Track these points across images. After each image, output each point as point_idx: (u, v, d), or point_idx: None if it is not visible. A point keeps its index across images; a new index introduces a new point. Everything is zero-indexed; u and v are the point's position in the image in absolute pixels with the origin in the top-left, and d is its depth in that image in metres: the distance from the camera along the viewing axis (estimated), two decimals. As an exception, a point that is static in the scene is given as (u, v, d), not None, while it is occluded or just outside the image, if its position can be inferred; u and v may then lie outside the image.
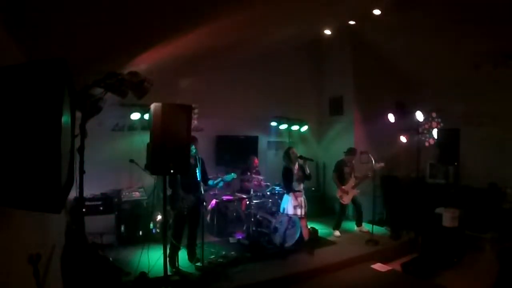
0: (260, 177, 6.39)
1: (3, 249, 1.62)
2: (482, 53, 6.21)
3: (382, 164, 6.24)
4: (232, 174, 5.30)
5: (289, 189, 5.37)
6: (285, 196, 5.45)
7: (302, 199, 5.38)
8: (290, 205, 5.32)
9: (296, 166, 5.47)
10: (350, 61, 7.80)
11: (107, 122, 5.82)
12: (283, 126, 7.73)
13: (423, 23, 6.20)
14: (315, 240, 5.77)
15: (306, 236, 5.48)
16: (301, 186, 5.48)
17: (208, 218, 6.09)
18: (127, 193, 5.86)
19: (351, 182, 6.42)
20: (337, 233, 6.42)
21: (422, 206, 6.07)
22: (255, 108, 7.25)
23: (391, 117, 6.69)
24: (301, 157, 5.46)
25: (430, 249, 5.35)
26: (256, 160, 6.81)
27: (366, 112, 7.70)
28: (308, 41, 7.90)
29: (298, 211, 5.29)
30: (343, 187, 6.40)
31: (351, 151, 6.55)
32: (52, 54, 1.43)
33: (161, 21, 3.56)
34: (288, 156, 5.47)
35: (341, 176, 6.46)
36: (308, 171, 5.46)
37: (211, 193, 6.16)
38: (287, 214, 5.33)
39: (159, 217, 5.72)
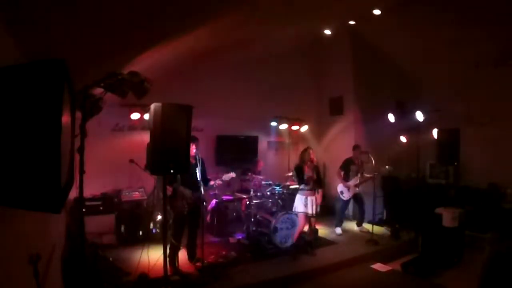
0: (260, 177, 6.39)
1: (3, 249, 1.62)
2: (482, 52, 6.21)
3: (390, 169, 6.22)
4: (231, 173, 5.26)
5: (301, 182, 5.33)
6: (297, 195, 5.45)
7: (313, 198, 5.31)
8: (300, 203, 5.30)
9: (307, 166, 5.41)
10: (350, 61, 7.80)
11: (107, 122, 5.82)
12: (283, 126, 7.74)
13: (423, 23, 6.20)
14: (315, 239, 5.76)
15: (309, 235, 5.44)
16: (312, 186, 5.36)
17: (208, 218, 6.09)
18: (127, 193, 5.86)
19: (355, 179, 6.47)
20: (338, 230, 6.48)
21: (422, 206, 6.07)
22: (255, 108, 7.24)
23: (391, 117, 6.69)
24: (315, 166, 5.46)
25: (430, 249, 5.34)
26: (261, 163, 6.82)
27: (366, 112, 7.70)
28: (308, 41, 7.90)
29: (309, 210, 5.24)
30: (347, 182, 6.49)
31: (354, 148, 6.67)
32: (52, 54, 1.43)
33: (161, 21, 3.56)
34: (302, 155, 5.46)
35: (346, 174, 6.57)
36: (315, 176, 5.42)
37: (211, 193, 6.17)
38: (297, 212, 5.32)
39: (159, 217, 5.72)
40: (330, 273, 4.87)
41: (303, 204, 5.27)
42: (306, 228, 5.56)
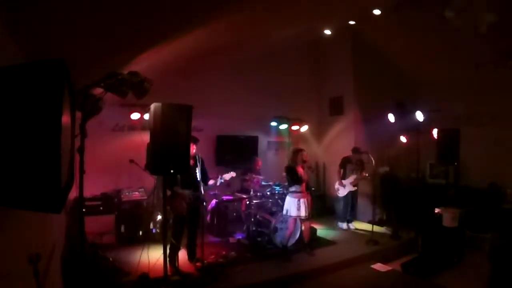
0: (260, 177, 6.39)
1: (3, 249, 1.62)
2: (482, 53, 6.20)
3: (386, 169, 6.29)
4: (231, 172, 5.22)
5: (293, 183, 5.22)
6: (287, 197, 5.34)
7: (305, 200, 5.19)
8: (293, 206, 5.15)
9: (300, 167, 5.33)
10: (350, 61, 7.80)
11: (107, 122, 5.82)
12: (283, 126, 7.74)
13: (423, 23, 6.20)
14: (313, 239, 5.76)
15: (306, 238, 5.38)
16: (304, 187, 5.27)
17: (208, 218, 6.09)
18: (127, 193, 5.86)
19: (351, 178, 6.65)
20: (344, 225, 6.70)
21: (422, 206, 6.07)
22: (255, 108, 7.24)
23: (391, 117, 6.70)
24: (309, 166, 5.45)
25: (430, 249, 5.34)
26: (259, 162, 6.82)
27: (366, 112, 7.70)
28: (308, 41, 7.89)
29: (302, 213, 5.12)
30: (342, 180, 6.73)
31: (353, 150, 6.81)
32: (52, 54, 1.42)
33: (162, 21, 3.55)
34: (294, 156, 5.37)
35: (343, 172, 6.82)
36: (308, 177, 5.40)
37: (211, 193, 6.16)
38: (290, 216, 5.20)
39: (159, 217, 5.72)
40: (330, 273, 4.87)
41: (296, 207, 5.12)
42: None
